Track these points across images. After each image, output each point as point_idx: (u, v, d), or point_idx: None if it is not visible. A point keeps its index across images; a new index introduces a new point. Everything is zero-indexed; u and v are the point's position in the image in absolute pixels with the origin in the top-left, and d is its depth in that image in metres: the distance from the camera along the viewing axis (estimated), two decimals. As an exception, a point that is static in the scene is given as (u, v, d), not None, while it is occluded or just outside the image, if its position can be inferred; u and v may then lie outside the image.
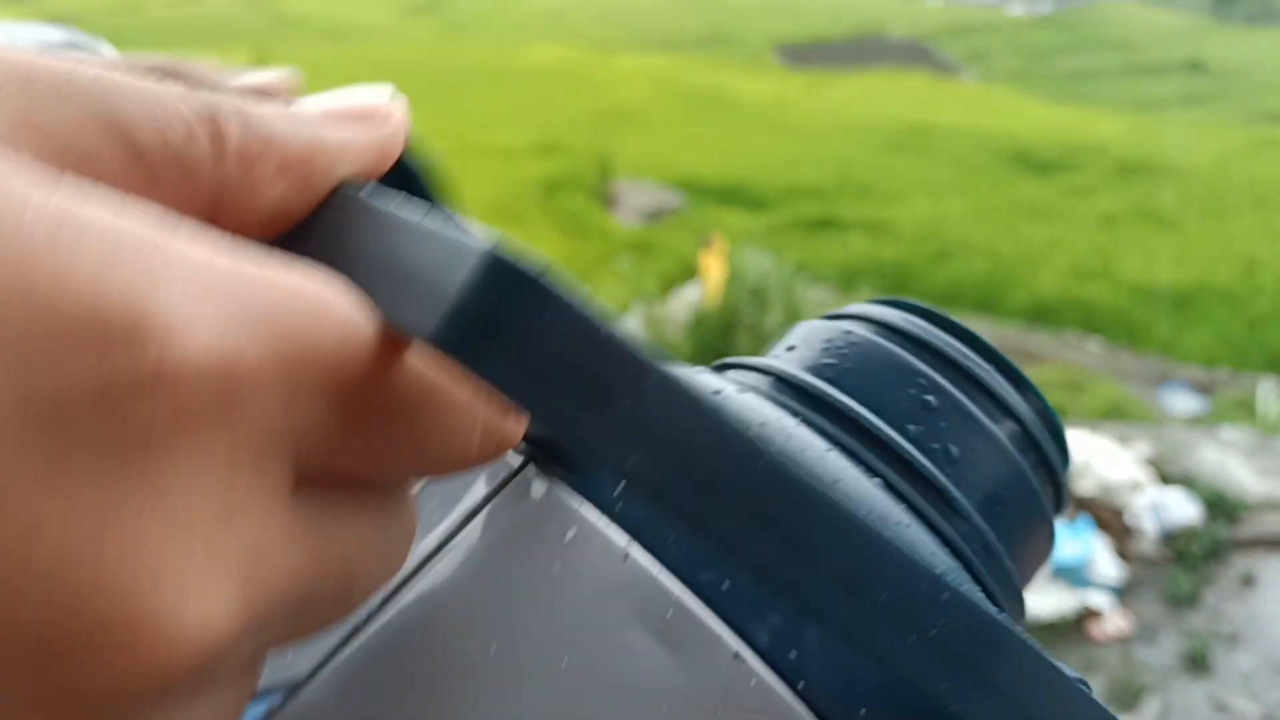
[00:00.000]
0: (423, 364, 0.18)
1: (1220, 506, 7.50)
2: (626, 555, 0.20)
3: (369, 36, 41.41)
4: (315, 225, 0.18)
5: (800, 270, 11.25)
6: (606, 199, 17.40)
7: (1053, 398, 10.39)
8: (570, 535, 0.20)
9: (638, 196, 17.51)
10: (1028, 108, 26.85)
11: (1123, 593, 6.80)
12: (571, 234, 14.65)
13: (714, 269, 11.30)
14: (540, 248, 14.38)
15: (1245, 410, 10.51)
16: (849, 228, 16.59)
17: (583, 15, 49.42)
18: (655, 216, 16.62)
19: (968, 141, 21.98)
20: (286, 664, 0.23)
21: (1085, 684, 0.21)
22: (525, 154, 18.44)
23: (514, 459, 0.23)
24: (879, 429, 0.21)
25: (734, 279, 10.95)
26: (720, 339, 10.19)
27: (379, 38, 40.47)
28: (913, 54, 38.35)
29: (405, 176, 0.19)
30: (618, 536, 0.20)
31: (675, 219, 16.73)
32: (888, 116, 23.71)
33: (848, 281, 13.15)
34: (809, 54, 37.89)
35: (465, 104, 25.67)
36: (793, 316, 10.19)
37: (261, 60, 34.24)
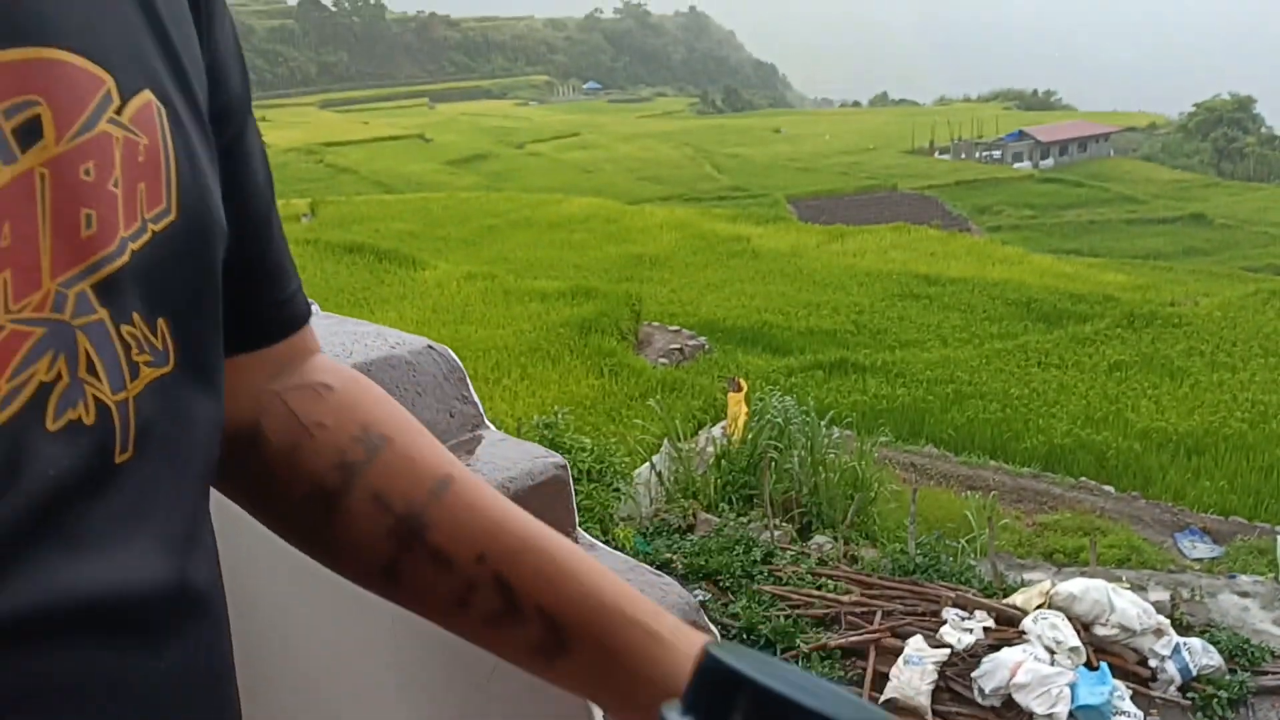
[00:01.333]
0: None
1: (1242, 655, 7.68)
2: None
3: (416, 187, 43.42)
4: None
5: (821, 412, 11.73)
6: (637, 341, 18.15)
7: (1068, 543, 10.59)
8: None
9: (666, 339, 18.25)
10: (1034, 259, 27.74)
11: (1145, 739, 6.94)
12: (605, 374, 15.25)
13: (739, 409, 11.80)
14: (575, 386, 14.95)
15: (1260, 557, 10.72)
16: (866, 371, 17.15)
17: (613, 169, 51.70)
18: (682, 358, 17.33)
19: (977, 291, 22.75)
20: None
21: None
22: (561, 297, 19.28)
23: None
24: None
25: (758, 419, 11.43)
26: (745, 475, 10.61)
27: (425, 188, 42.42)
28: (923, 207, 39.81)
29: None
30: None
31: (701, 361, 17.43)
32: (900, 266, 24.59)
33: (867, 423, 13.60)
34: (823, 207, 39.42)
35: (505, 250, 27.25)
36: (816, 457, 10.61)
37: (317, 205, 35.67)
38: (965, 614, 7.63)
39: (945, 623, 7.53)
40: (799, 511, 10.04)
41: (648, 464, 10.40)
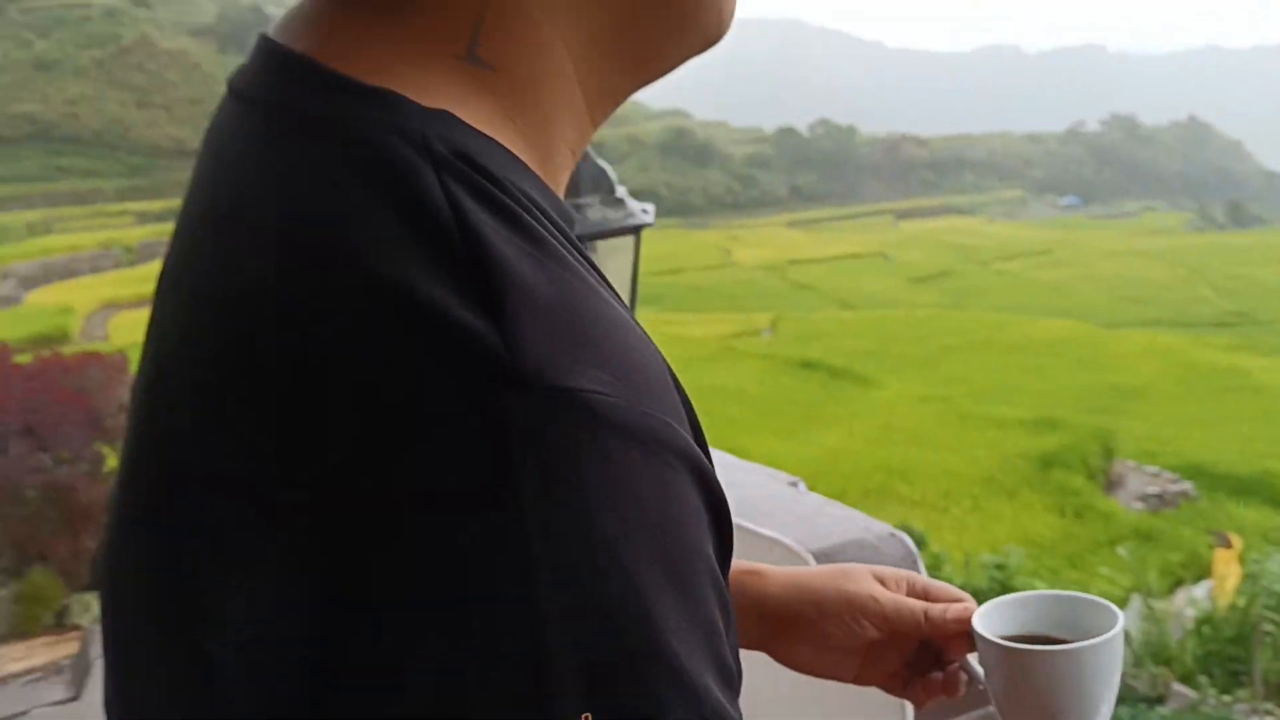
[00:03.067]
0: None
1: None
2: None
3: (875, 304, 44.16)
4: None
5: (1340, 584, 9.91)
6: (1107, 480, 16.72)
7: None
8: None
9: (1142, 481, 16.65)
10: None
11: None
12: (1067, 514, 14.20)
13: (1229, 569, 10.35)
14: (1033, 525, 14.10)
15: None
16: (1405, 540, 14.23)
17: (1089, 289, 48.51)
18: (1161, 504, 15.71)
19: None
20: None
21: None
22: (1022, 427, 18.37)
23: None
24: None
25: (1252, 583, 9.93)
26: (1231, 647, 9.22)
27: (884, 305, 42.99)
28: None
29: None
30: None
31: (1184, 509, 15.62)
32: None
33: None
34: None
35: (963, 372, 26.57)
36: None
37: (777, 321, 37.61)
38: None
39: None
40: (1303, 700, 8.56)
41: (1112, 619, 9.50)
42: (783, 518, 1.74)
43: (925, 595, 0.71)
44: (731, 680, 0.40)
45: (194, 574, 0.40)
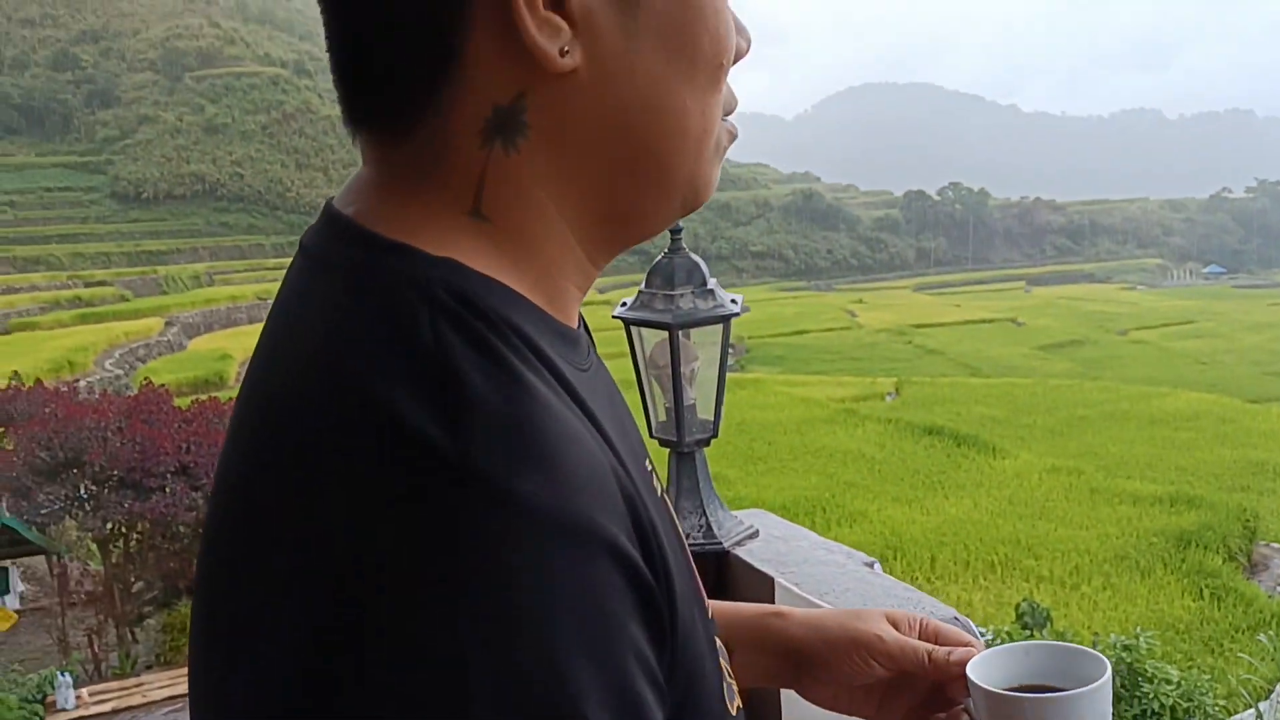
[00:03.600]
0: None
1: None
2: None
3: (1003, 371, 42.92)
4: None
5: None
6: (1249, 563, 15.80)
7: None
8: None
9: (1289, 565, 15.66)
10: None
11: None
12: (1205, 597, 13.46)
13: (1386, 666, 9.66)
14: (1167, 606, 13.44)
15: None
16: None
17: (1233, 362, 46.15)
18: (1310, 592, 14.70)
19: None
20: None
21: None
22: (1157, 503, 17.52)
23: None
24: None
25: None
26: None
27: (1013, 373, 41.74)
28: None
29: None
30: None
31: (1336, 598, 14.61)
32: None
33: None
34: None
35: (1095, 444, 25.52)
36: None
37: (901, 385, 36.77)
38: None
39: None
40: None
41: (1252, 711, 9.00)
42: (853, 596, 1.89)
43: (936, 639, 0.75)
44: None
45: (226, 613, 0.51)
